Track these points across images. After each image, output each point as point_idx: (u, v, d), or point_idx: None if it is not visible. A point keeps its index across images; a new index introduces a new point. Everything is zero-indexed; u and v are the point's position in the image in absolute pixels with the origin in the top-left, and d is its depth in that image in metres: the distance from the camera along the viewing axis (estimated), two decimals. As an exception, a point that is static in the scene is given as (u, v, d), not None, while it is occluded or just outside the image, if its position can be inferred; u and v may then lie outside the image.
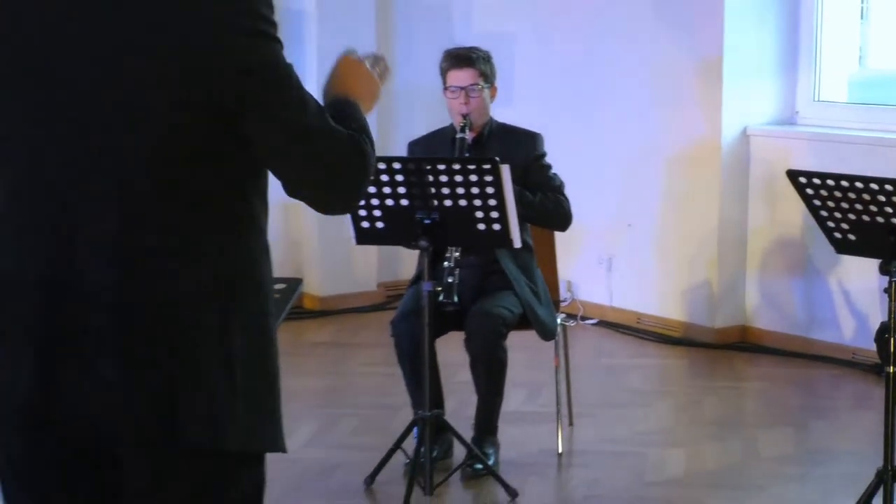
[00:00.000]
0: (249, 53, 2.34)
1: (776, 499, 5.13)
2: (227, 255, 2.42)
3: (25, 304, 2.40)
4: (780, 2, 7.34)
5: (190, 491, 2.48)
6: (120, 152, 2.33)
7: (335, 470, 5.38)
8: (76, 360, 2.38)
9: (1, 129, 2.41)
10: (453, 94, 5.40)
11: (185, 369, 2.39)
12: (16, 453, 2.52)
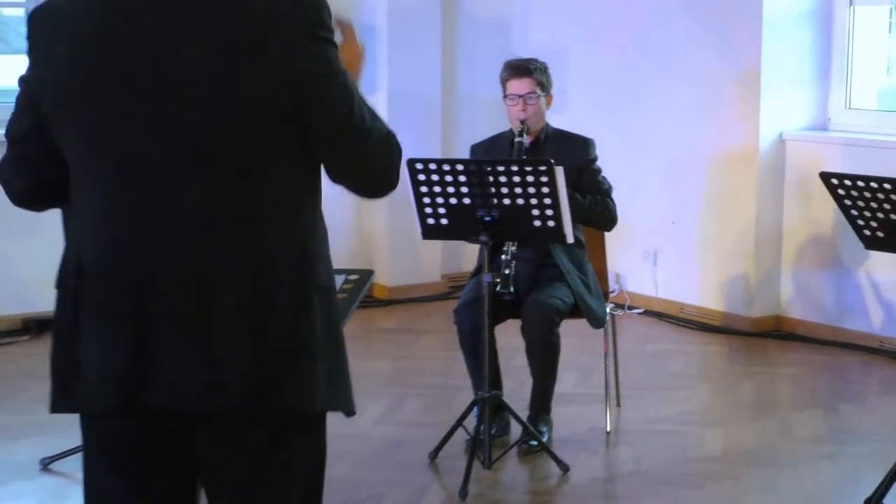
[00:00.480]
0: (311, 57, 2.39)
1: (808, 476, 5.07)
2: (299, 234, 2.47)
3: (122, 288, 2.39)
4: (814, 17, 7.28)
5: (272, 454, 2.51)
6: (203, 145, 2.37)
7: (402, 445, 5.38)
8: (172, 340, 2.39)
9: (95, 130, 2.40)
10: (512, 102, 5.38)
11: (274, 341, 2.41)
12: (109, 433, 2.51)
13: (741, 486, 4.96)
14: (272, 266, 2.41)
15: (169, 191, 2.38)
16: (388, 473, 5.05)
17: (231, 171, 2.39)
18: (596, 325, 5.42)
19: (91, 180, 2.43)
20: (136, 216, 2.39)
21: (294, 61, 2.37)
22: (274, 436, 2.49)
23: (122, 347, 2.38)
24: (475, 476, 4.89)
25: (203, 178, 2.38)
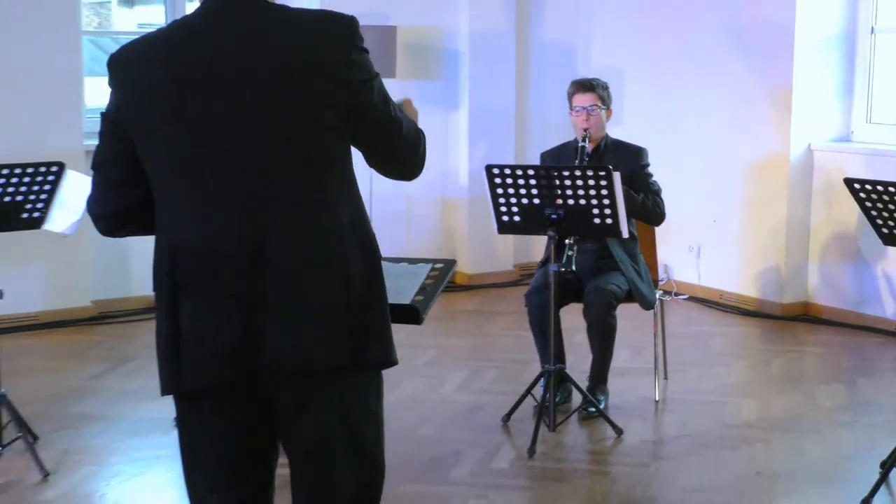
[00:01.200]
0: (357, 70, 2.44)
1: (830, 441, 5.02)
2: (354, 209, 2.51)
3: (226, 269, 2.42)
4: (839, 43, 7.21)
5: (349, 403, 2.53)
6: (278, 145, 2.41)
7: (479, 410, 5.38)
8: (269, 314, 2.41)
9: (183, 150, 2.43)
10: (577, 114, 5.39)
11: (350, 305, 2.45)
12: (213, 405, 2.53)
13: (771, 449, 4.91)
14: (343, 239, 2.45)
15: (258, 187, 2.41)
16: (467, 434, 5.06)
17: (300, 167, 2.43)
18: (647, 308, 5.42)
19: (178, 193, 2.45)
20: (234, 211, 2.41)
21: (344, 72, 2.42)
22: (353, 386, 2.51)
23: (230, 326, 2.41)
24: (541, 437, 4.90)
25: (278, 174, 2.42)
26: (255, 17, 2.43)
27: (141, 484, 4.58)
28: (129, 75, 2.46)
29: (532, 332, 5.34)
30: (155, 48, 2.47)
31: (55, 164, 4.73)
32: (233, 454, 2.55)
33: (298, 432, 2.51)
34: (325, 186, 2.45)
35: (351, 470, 2.54)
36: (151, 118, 2.44)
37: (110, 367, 6.18)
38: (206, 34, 2.42)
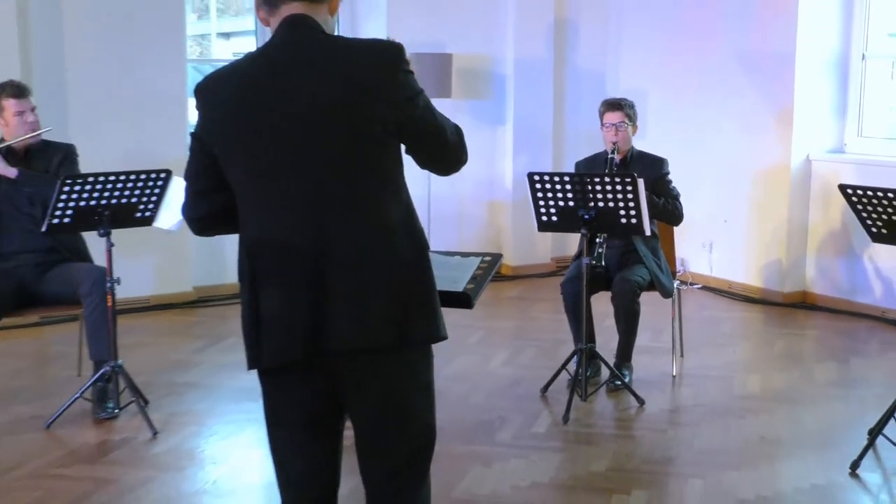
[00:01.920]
0: (405, 89, 2.45)
1: (825, 411, 4.99)
2: (405, 208, 2.51)
3: (294, 263, 2.43)
4: (834, 67, 7.14)
5: (404, 375, 2.53)
6: (337, 154, 2.42)
7: (521, 382, 5.39)
8: (336, 301, 2.41)
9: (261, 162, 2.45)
10: (607, 129, 5.39)
11: (408, 289, 2.46)
12: (288, 379, 2.55)
13: (773, 418, 4.88)
14: (395, 235, 2.45)
15: (320, 192, 2.42)
16: (510, 402, 5.06)
17: (362, 171, 2.43)
18: (666, 296, 5.39)
19: (254, 197, 2.48)
20: (302, 213, 2.42)
21: (396, 93, 2.43)
22: (409, 360, 2.52)
23: (300, 312, 2.42)
24: (574, 406, 4.89)
25: (341, 180, 2.42)
26: (316, 47, 2.44)
27: (234, 442, 4.62)
28: (212, 100, 2.49)
29: (567, 316, 5.33)
30: (234, 76, 2.49)
31: (163, 172, 4.78)
32: (306, 419, 2.56)
33: (359, 403, 2.52)
34: (377, 191, 2.45)
35: (404, 434, 2.55)
36: (231, 136, 2.46)
37: (209, 343, 6.24)
38: (277, 62, 2.44)
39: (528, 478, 4.14)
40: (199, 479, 4.18)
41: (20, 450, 4.46)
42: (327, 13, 2.50)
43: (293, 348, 2.43)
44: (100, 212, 4.66)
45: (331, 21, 2.53)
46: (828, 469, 4.23)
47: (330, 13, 2.52)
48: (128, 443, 4.55)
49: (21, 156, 5.03)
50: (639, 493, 4.00)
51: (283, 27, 2.46)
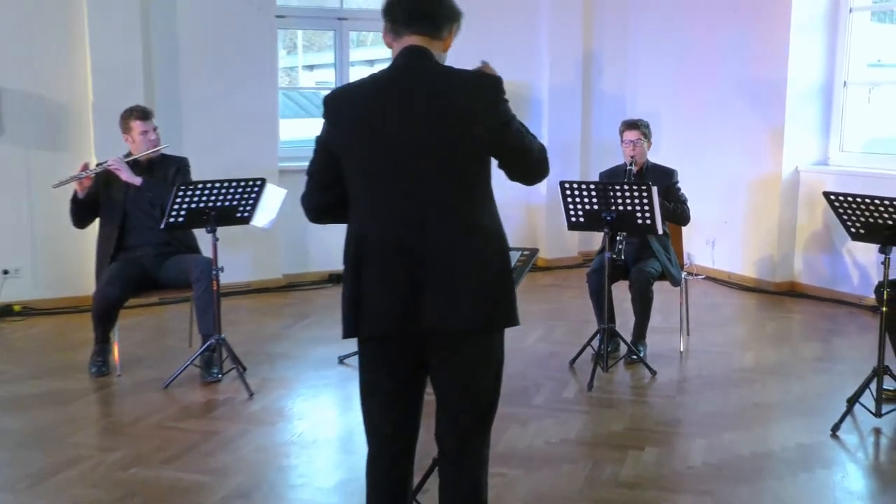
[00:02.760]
0: (501, 115, 2.45)
1: (810, 383, 4.92)
2: (491, 212, 2.52)
3: (395, 253, 2.43)
4: (820, 92, 7.03)
5: (483, 353, 2.53)
6: (439, 163, 2.42)
7: (553, 356, 5.38)
8: (431, 288, 2.42)
9: (373, 165, 2.45)
10: (626, 145, 5.37)
11: (491, 282, 2.45)
12: (384, 354, 2.54)
13: (766, 388, 4.82)
14: (484, 234, 2.45)
15: (422, 194, 2.42)
16: (544, 372, 5.06)
17: (459, 179, 2.43)
18: (675, 285, 5.35)
19: (366, 193, 2.48)
20: (402, 210, 2.43)
21: (492, 120, 2.43)
22: (485, 342, 2.51)
23: (398, 294, 2.42)
24: (597, 376, 4.89)
25: (442, 185, 2.42)
26: (429, 74, 2.45)
27: (315, 402, 4.67)
28: (338, 110, 2.49)
29: (591, 300, 5.30)
30: (358, 92, 2.51)
31: (259, 180, 4.83)
32: (395, 384, 2.56)
33: (443, 374, 2.53)
34: (470, 196, 2.46)
35: (477, 402, 2.57)
36: (351, 142, 2.46)
37: (295, 321, 6.28)
38: (394, 84, 2.45)
39: (557, 435, 4.14)
40: (287, 432, 4.23)
41: (143, 405, 4.54)
42: (441, 48, 2.52)
43: (387, 324, 2.44)
44: (207, 212, 4.72)
45: (443, 55, 2.54)
46: (812, 431, 4.18)
47: (443, 49, 2.53)
48: (229, 402, 4.61)
49: (144, 167, 5.11)
50: (651, 450, 3.98)
51: (403, 54, 2.47)
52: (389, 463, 2.60)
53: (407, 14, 2.48)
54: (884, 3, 7.17)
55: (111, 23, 6.44)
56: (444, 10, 2.51)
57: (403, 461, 2.62)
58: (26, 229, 6.48)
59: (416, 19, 2.47)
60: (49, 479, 3.68)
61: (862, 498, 3.56)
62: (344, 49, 7.69)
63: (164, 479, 3.68)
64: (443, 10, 2.51)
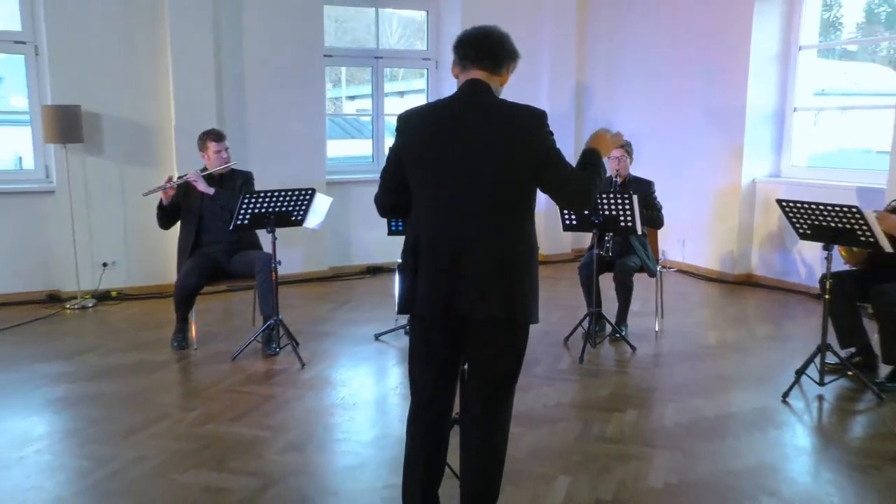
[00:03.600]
0: (544, 144, 2.43)
1: (764, 358, 4.88)
2: (529, 234, 2.49)
3: (444, 254, 2.43)
4: (773, 116, 6.96)
5: (507, 341, 2.52)
6: (487, 180, 2.40)
7: (550, 334, 5.35)
8: (467, 282, 2.42)
9: (431, 174, 2.45)
10: (612, 161, 5.34)
11: (517, 284, 2.43)
12: (425, 328, 2.56)
13: (727, 361, 4.80)
14: (517, 243, 2.44)
15: (469, 204, 2.42)
16: (542, 347, 5.04)
17: (502, 195, 2.41)
18: (652, 276, 5.32)
19: (426, 199, 2.48)
20: (451, 217, 2.43)
21: (539, 145, 2.41)
22: (510, 332, 2.51)
23: (441, 284, 2.44)
24: (587, 351, 4.89)
25: (488, 199, 2.40)
26: (486, 103, 2.45)
27: (355, 372, 4.67)
28: (409, 127, 2.50)
29: (582, 289, 5.29)
30: (427, 113, 2.51)
31: (310, 190, 4.84)
32: (435, 355, 2.56)
33: (477, 352, 2.54)
34: (510, 209, 2.43)
35: (502, 374, 2.57)
36: (416, 154, 2.47)
37: (339, 305, 6.29)
38: (457, 109, 2.45)
39: (554, 400, 4.13)
40: (332, 396, 4.24)
41: (215, 374, 4.57)
42: (499, 83, 2.52)
43: (434, 307, 2.45)
44: (268, 216, 4.74)
45: (500, 88, 2.53)
46: (765, 397, 4.16)
47: (500, 84, 2.53)
48: (285, 371, 4.63)
49: (217, 179, 5.13)
50: (631, 412, 3.97)
51: (467, 84, 2.48)
52: (429, 419, 2.61)
53: (474, 51, 2.48)
54: (827, 42, 7.10)
55: (190, 61, 6.48)
56: (505, 51, 2.50)
57: (441, 421, 2.63)
58: (121, 230, 6.54)
59: (481, 57, 2.47)
60: (139, 433, 3.72)
61: (807, 453, 3.54)
62: (379, 82, 7.71)
63: (233, 433, 3.71)
64: (505, 51, 2.50)
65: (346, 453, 3.51)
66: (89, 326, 5.65)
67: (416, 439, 2.62)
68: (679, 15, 7.49)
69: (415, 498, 2.63)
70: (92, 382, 4.42)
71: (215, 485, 3.18)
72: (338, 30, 8.31)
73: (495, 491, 2.60)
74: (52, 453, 3.50)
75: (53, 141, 6.06)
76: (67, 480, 3.24)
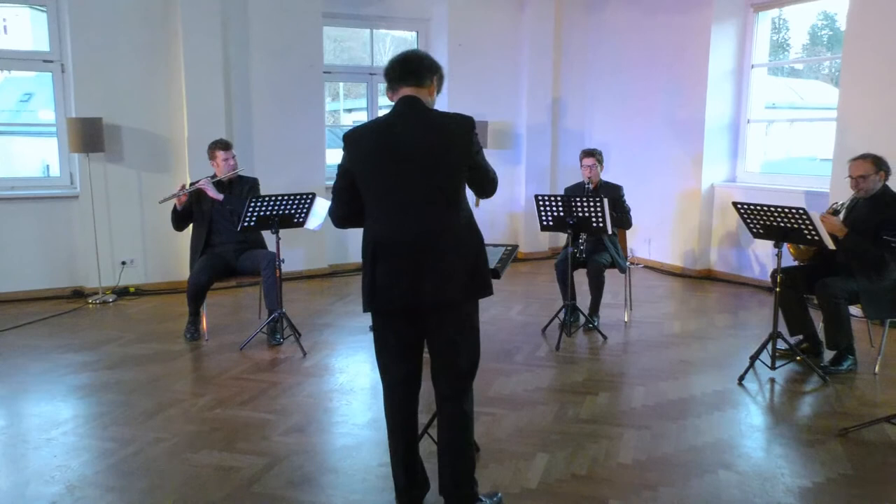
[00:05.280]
0: (470, 145, 2.47)
1: (723, 344, 4.89)
2: (467, 214, 2.51)
3: (401, 250, 2.44)
4: (729, 127, 6.97)
5: (465, 317, 2.53)
6: (428, 182, 2.43)
7: (529, 325, 5.34)
8: (427, 275, 2.43)
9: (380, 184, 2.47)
10: (584, 168, 5.33)
11: (472, 268, 2.46)
12: (389, 318, 2.57)
13: (689, 348, 4.80)
14: (462, 231, 2.47)
15: (417, 207, 2.44)
16: (521, 337, 5.03)
17: (441, 192, 2.45)
18: (622, 272, 5.31)
19: (376, 205, 2.50)
20: (403, 219, 2.45)
21: (469, 148, 2.46)
22: (465, 309, 2.53)
23: (402, 280, 2.45)
24: (563, 340, 4.87)
25: (433, 198, 2.44)
26: (419, 116, 2.48)
27: (352, 359, 4.65)
28: (355, 144, 2.51)
29: (558, 283, 5.28)
30: (370, 130, 2.52)
31: (310, 194, 4.81)
32: (402, 346, 2.58)
33: (436, 336, 2.55)
34: (450, 204, 2.47)
35: (463, 355, 2.57)
36: (365, 169, 2.48)
37: (337, 299, 6.26)
38: (394, 125, 2.48)
39: (533, 384, 4.13)
40: (331, 382, 4.22)
41: (224, 362, 4.54)
42: (428, 94, 2.54)
43: (395, 301, 2.47)
44: (272, 218, 4.71)
45: (430, 100, 2.56)
46: (723, 381, 4.17)
47: (429, 95, 2.55)
48: (288, 359, 4.60)
49: (226, 185, 5.10)
50: (603, 395, 3.97)
51: (400, 102, 2.51)
52: (400, 399, 2.63)
53: (398, 73, 2.53)
54: (776, 61, 7.14)
55: (201, 77, 6.43)
56: (424, 66, 2.54)
57: (410, 398, 2.65)
58: (139, 231, 6.48)
59: (404, 76, 2.52)
60: (156, 416, 3.69)
61: (760, 430, 3.55)
62: (374, 96, 7.68)
63: (241, 416, 3.68)
64: (424, 67, 2.54)
65: (344, 434, 3.49)
66: (110, 320, 5.60)
67: (392, 421, 2.66)
68: (645, 36, 7.50)
69: (400, 474, 2.67)
70: (112, 371, 4.38)
71: (225, 464, 3.16)
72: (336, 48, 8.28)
73: (471, 457, 2.64)
74: (77, 435, 3.47)
75: (77, 150, 6.01)
76: (91, 460, 3.21)
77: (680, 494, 2.88)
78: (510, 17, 7.90)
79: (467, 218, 2.51)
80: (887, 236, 4.06)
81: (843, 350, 4.27)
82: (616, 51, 7.87)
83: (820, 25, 7.64)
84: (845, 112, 5.63)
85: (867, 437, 3.40)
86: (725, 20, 6.79)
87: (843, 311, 4.17)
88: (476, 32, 7.64)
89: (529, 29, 7.91)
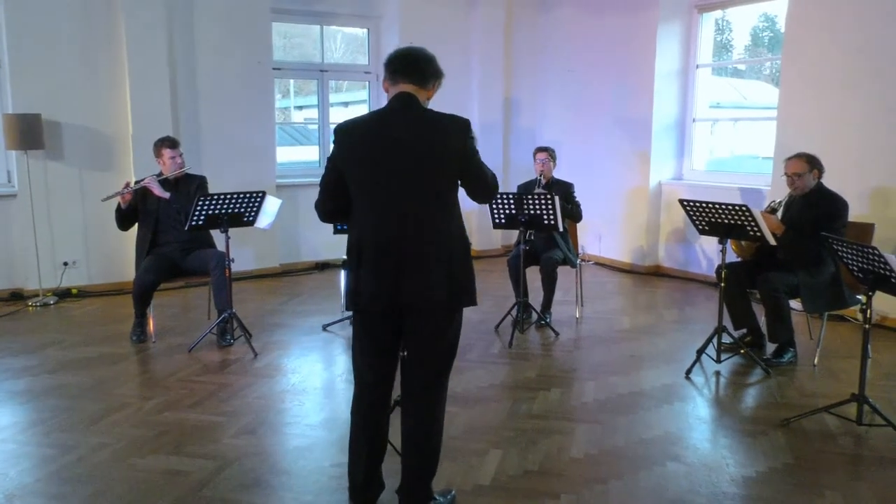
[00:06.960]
0: (466, 147, 2.42)
1: (671, 339, 4.98)
2: (459, 221, 2.49)
3: (384, 251, 2.41)
4: (676, 126, 7.11)
5: (445, 324, 2.50)
6: (420, 182, 2.39)
7: (482, 322, 5.35)
8: (409, 274, 2.40)
9: (367, 179, 2.42)
10: (537, 164, 5.40)
11: (453, 271, 2.43)
12: (368, 319, 2.53)
13: (639, 342, 4.88)
14: (451, 237, 2.44)
15: (404, 203, 2.40)
16: (475, 334, 5.04)
17: (433, 193, 2.42)
18: (573, 268, 5.36)
19: (364, 202, 2.46)
20: (390, 217, 2.41)
21: (461, 149, 2.41)
22: (447, 316, 2.51)
23: (386, 280, 2.42)
24: (515, 337, 4.91)
25: (422, 198, 2.40)
26: (415, 114, 2.44)
27: (304, 360, 4.61)
28: (345, 138, 2.47)
29: (511, 280, 5.29)
30: (361, 124, 2.47)
31: (260, 192, 4.74)
32: (378, 345, 2.55)
33: (414, 337, 2.52)
34: (441, 207, 2.43)
35: (439, 357, 2.55)
36: (353, 163, 2.44)
37: (289, 299, 6.19)
38: (388, 121, 2.43)
39: (486, 381, 4.15)
40: (283, 383, 4.17)
41: (173, 364, 4.45)
42: (425, 97, 2.52)
43: (379, 301, 2.43)
44: (221, 217, 4.63)
45: (426, 102, 2.52)
46: (671, 375, 4.25)
47: (426, 98, 2.53)
48: (239, 360, 4.53)
49: (172, 184, 4.99)
50: (556, 390, 4.01)
51: (396, 97, 2.46)
52: (371, 402, 2.60)
53: (404, 67, 2.48)
54: (720, 62, 7.32)
55: (146, 72, 6.28)
56: (431, 69, 2.52)
57: (383, 403, 2.62)
58: (81, 231, 6.29)
59: (410, 72, 2.47)
60: (101, 421, 3.59)
61: (707, 422, 3.64)
62: (325, 93, 7.61)
63: (190, 419, 3.61)
64: (431, 69, 2.51)
65: (296, 435, 3.45)
66: (51, 322, 5.42)
67: (361, 421, 2.61)
68: (594, 36, 7.60)
69: (359, 473, 2.63)
70: (55, 375, 4.24)
71: (174, 468, 3.09)
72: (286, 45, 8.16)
73: (435, 462, 2.61)
74: (17, 442, 3.34)
75: (15, 147, 5.80)
76: (32, 467, 3.10)
77: (630, 487, 2.94)
78: (461, 16, 7.92)
79: (456, 221, 2.47)
80: (825, 232, 4.21)
81: (785, 343, 4.41)
82: (566, 50, 7.96)
83: (761, 27, 7.87)
84: (785, 112, 5.81)
85: (807, 427, 3.51)
86: (671, 21, 6.93)
87: (784, 305, 4.31)
88: (427, 30, 7.63)
89: (480, 27, 7.95)
